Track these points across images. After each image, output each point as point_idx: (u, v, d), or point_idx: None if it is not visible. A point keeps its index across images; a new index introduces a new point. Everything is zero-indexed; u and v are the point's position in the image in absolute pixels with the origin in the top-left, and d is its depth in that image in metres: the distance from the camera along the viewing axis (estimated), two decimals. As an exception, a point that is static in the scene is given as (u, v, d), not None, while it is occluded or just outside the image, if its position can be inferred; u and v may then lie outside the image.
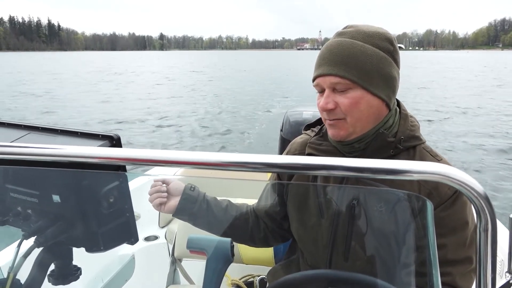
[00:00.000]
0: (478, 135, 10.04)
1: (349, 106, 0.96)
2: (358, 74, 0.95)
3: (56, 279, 0.79)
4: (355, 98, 0.96)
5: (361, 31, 0.99)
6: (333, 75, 0.96)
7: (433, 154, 1.04)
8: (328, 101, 0.97)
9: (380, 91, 0.97)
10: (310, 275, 0.86)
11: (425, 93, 19.00)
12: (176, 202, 1.10)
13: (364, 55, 0.96)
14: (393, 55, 1.00)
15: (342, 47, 0.97)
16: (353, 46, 0.96)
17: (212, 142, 9.45)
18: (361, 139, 1.00)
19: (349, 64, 0.95)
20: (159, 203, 1.09)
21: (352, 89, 0.96)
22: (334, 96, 0.97)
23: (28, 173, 0.76)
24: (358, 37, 0.98)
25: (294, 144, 1.21)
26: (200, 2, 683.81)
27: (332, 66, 0.96)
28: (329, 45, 1.00)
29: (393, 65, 1.00)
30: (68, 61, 72.80)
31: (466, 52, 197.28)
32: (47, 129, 0.84)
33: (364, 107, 0.97)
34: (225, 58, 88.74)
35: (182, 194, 1.10)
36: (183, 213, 1.11)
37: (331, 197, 1.06)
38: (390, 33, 1.02)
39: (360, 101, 0.96)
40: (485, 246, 0.50)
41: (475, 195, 0.49)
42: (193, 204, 1.11)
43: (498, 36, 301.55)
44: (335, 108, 0.97)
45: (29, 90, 20.78)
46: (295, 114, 2.15)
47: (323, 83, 0.98)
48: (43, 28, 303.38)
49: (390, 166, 0.51)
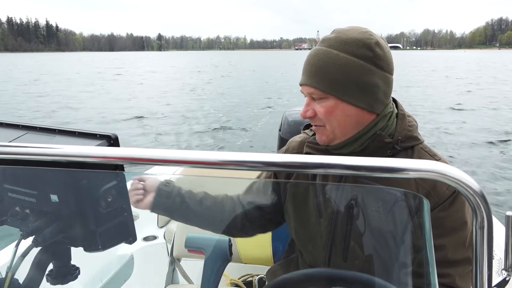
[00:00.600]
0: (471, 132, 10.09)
1: (325, 114, 0.99)
2: (330, 85, 0.97)
3: (55, 279, 0.79)
4: (329, 107, 0.99)
5: (339, 39, 0.98)
6: (308, 85, 1.00)
7: (431, 154, 1.04)
8: (308, 109, 1.02)
9: (355, 100, 0.98)
10: (308, 274, 0.86)
11: (415, 91, 19.13)
12: (152, 198, 1.11)
13: (336, 65, 0.97)
14: (373, 61, 0.97)
15: (318, 57, 0.99)
16: (327, 57, 0.98)
17: (210, 142, 9.45)
18: (346, 144, 1.02)
19: (320, 75, 0.98)
20: (135, 200, 1.10)
21: (326, 98, 0.99)
22: (314, 104, 1.01)
23: (26, 173, 0.76)
24: (335, 45, 0.98)
25: (292, 143, 1.22)
26: (197, 2, 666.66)
27: (307, 76, 1.00)
28: (309, 54, 1.03)
29: (373, 72, 0.97)
30: (69, 61, 72.82)
31: (463, 52, 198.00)
32: (45, 129, 0.84)
33: (339, 116, 0.99)
34: (223, 58, 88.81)
35: (156, 190, 1.12)
36: (158, 208, 1.14)
37: (330, 197, 1.06)
38: (372, 37, 0.98)
39: (335, 110, 0.99)
40: (481, 244, 0.51)
41: (471, 193, 0.49)
42: (167, 199, 1.13)
43: (495, 35, 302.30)
44: (314, 116, 1.02)
45: (33, 90, 20.70)
46: (293, 114, 2.16)
47: (304, 91, 1.03)
48: (41, 29, 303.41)
49: (387, 164, 0.52)
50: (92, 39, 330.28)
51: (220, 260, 0.74)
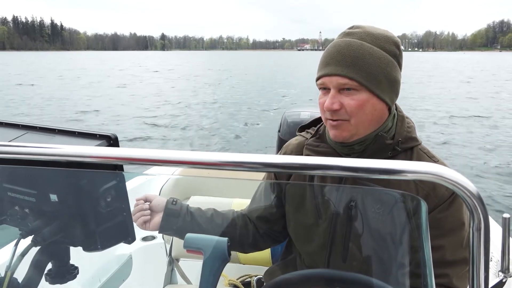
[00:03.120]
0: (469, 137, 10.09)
1: (355, 108, 0.95)
2: (367, 77, 0.94)
3: (53, 278, 0.79)
4: (362, 100, 0.95)
5: (369, 33, 0.98)
6: (342, 76, 0.95)
7: (430, 155, 1.04)
8: (334, 101, 0.96)
9: (385, 95, 0.97)
10: (306, 274, 0.87)
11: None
12: (160, 219, 1.07)
13: (373, 57, 0.95)
14: (398, 59, 1.00)
15: (352, 47, 0.96)
16: (362, 48, 0.95)
17: (210, 142, 9.44)
18: (362, 141, 1.00)
19: (358, 65, 0.94)
20: (142, 221, 1.06)
21: (358, 91, 0.95)
22: (340, 97, 0.96)
23: (26, 173, 0.77)
24: (367, 39, 0.97)
25: (289, 146, 1.20)
26: (200, 2, 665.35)
27: (341, 66, 0.95)
28: (337, 44, 0.98)
29: (398, 69, 1.00)
30: (75, 60, 72.33)
31: (462, 54, 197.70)
32: (45, 129, 0.84)
33: (369, 110, 0.96)
34: (226, 59, 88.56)
35: (164, 209, 1.08)
36: (168, 229, 1.09)
37: (329, 198, 1.06)
38: (396, 36, 1.01)
39: (366, 104, 0.95)
40: (478, 245, 0.51)
41: (468, 195, 0.49)
42: (177, 218, 1.08)
43: (497, 37, 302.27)
44: (340, 108, 0.96)
45: (38, 90, 20.56)
46: (293, 115, 2.16)
47: (329, 83, 0.97)
48: (46, 28, 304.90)
49: (385, 166, 0.52)
50: (96, 39, 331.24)
51: (219, 261, 0.74)
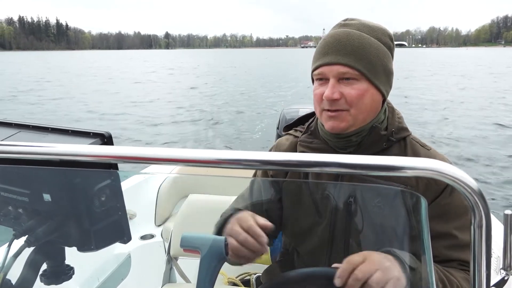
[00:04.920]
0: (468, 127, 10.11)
1: (356, 97, 0.95)
2: (367, 66, 0.95)
3: (48, 279, 0.79)
4: (362, 90, 0.95)
5: (366, 25, 1.00)
6: (342, 65, 0.94)
7: (422, 144, 1.06)
8: (334, 91, 0.94)
9: (382, 86, 0.99)
10: (306, 273, 0.86)
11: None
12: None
13: (372, 48, 0.96)
14: (391, 52, 1.02)
15: (351, 37, 0.96)
16: (362, 38, 0.96)
17: (208, 141, 9.43)
18: (359, 132, 1.00)
19: (358, 55, 0.94)
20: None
21: (358, 80, 0.95)
22: (340, 87, 0.95)
23: (19, 172, 0.76)
24: (364, 30, 0.98)
25: (281, 146, 1.17)
26: (204, 0, 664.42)
27: (342, 55, 0.95)
28: (336, 34, 0.98)
29: (391, 61, 1.02)
30: (81, 59, 72.02)
31: (465, 49, 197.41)
32: (38, 127, 0.83)
33: (368, 100, 0.97)
34: (229, 57, 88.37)
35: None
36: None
37: (327, 195, 1.05)
38: (388, 29, 1.04)
39: (366, 93, 0.96)
40: (479, 242, 0.50)
41: (469, 191, 0.48)
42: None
43: (501, 33, 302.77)
44: (339, 98, 0.95)
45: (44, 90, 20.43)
46: (291, 112, 2.15)
47: (329, 72, 0.96)
48: (51, 27, 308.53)
49: (384, 162, 0.51)
50: (100, 38, 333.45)
51: (216, 260, 0.73)
